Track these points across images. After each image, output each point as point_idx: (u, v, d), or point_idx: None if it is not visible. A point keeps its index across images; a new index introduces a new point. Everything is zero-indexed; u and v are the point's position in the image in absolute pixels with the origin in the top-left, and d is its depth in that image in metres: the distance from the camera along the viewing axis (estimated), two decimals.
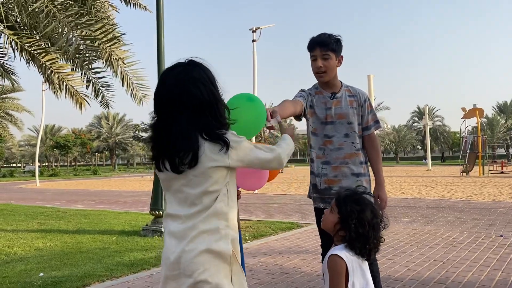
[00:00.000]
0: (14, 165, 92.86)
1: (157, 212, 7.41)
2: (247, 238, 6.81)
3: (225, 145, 1.77)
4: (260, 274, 4.69)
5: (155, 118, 1.87)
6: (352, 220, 1.93)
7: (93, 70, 8.12)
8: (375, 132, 3.04)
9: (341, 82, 3.02)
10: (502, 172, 26.84)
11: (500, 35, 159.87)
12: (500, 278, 4.30)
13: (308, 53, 2.93)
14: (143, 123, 62.61)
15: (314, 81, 3.05)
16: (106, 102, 8.67)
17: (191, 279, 1.75)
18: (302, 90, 3.02)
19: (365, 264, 1.98)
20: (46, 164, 77.35)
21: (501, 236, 6.44)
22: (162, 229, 7.23)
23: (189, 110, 1.79)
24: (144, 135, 63.26)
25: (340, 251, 1.93)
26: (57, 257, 5.86)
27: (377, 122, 3.06)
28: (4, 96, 38.35)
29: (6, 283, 4.63)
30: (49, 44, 8.76)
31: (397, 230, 6.99)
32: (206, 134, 1.77)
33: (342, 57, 2.94)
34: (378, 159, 3.00)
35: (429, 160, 35.66)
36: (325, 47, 2.84)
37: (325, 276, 2.04)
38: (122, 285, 4.51)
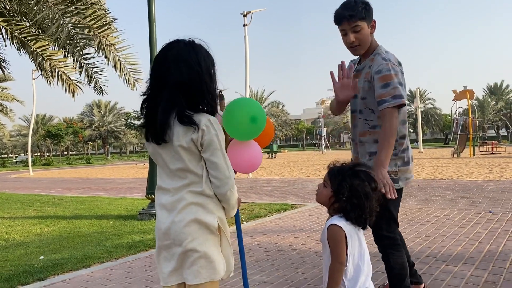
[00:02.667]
0: (6, 155, 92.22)
1: (153, 196, 7.48)
2: (243, 219, 6.92)
3: (196, 127, 1.79)
4: (256, 252, 4.81)
5: (148, 87, 1.93)
6: (346, 193, 2.01)
7: (85, 56, 8.10)
8: (391, 108, 2.54)
9: (377, 46, 2.75)
10: (492, 153, 27.18)
11: (491, 17, 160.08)
12: (488, 251, 4.45)
13: (336, 26, 2.68)
14: (134, 111, 62.35)
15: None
16: (100, 87, 8.68)
17: (181, 248, 1.85)
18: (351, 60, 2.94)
19: (361, 232, 2.07)
20: (38, 154, 76.92)
21: (490, 212, 6.61)
22: None
23: (168, 88, 1.84)
24: (137, 122, 63.01)
25: (337, 220, 2.02)
26: (56, 241, 5.95)
27: (395, 97, 2.53)
28: None
29: (7, 266, 4.72)
30: (40, 31, 8.72)
31: None
32: (178, 116, 1.80)
33: (374, 21, 2.69)
34: (382, 140, 2.54)
35: (420, 143, 35.93)
36: (353, 19, 2.57)
37: (323, 247, 2.12)
38: (122, 265, 4.61)
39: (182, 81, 1.83)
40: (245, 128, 2.28)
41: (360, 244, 2.07)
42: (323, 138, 45.77)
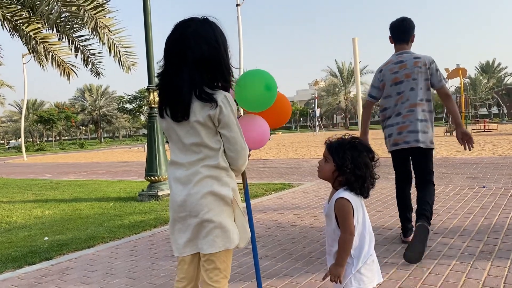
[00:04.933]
0: None
1: (152, 178, 7.55)
2: (242, 199, 6.99)
3: (215, 104, 1.85)
4: (258, 229, 4.92)
5: (163, 66, 1.96)
6: (348, 166, 2.08)
7: (80, 38, 8.03)
8: None
9: None
10: (484, 131, 27.44)
11: None
12: (483, 223, 4.58)
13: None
14: (126, 94, 61.93)
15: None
16: (97, 69, 8.63)
17: (197, 219, 1.92)
18: None
19: (362, 201, 2.15)
20: (31, 139, 76.42)
21: (484, 187, 6.76)
22: (159, 194, 7.40)
23: (188, 65, 1.88)
24: (129, 106, 62.69)
25: (344, 193, 2.08)
26: (58, 223, 6.02)
27: None
28: None
29: (13, 247, 4.79)
30: (32, 13, 8.62)
31: (385, 186, 7.27)
32: (198, 94, 1.85)
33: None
34: None
35: None
36: None
37: (327, 219, 2.20)
38: (126, 244, 4.70)
39: (202, 57, 1.87)
40: (261, 97, 2.31)
41: (364, 214, 2.15)
42: (316, 119, 45.86)
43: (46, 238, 5.09)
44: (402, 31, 3.95)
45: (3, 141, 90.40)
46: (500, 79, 72.65)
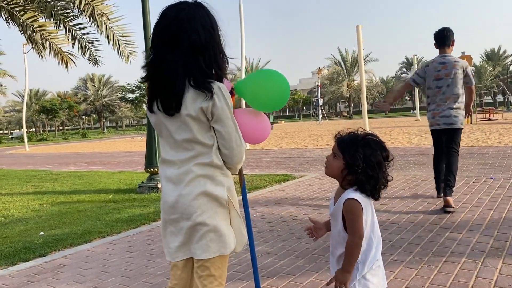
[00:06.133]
0: (1, 131, 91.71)
1: (152, 169, 7.42)
2: (238, 190, 6.87)
3: (210, 94, 1.69)
4: (258, 223, 4.77)
5: (151, 55, 1.79)
6: (360, 165, 1.90)
7: (77, 27, 7.83)
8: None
9: None
10: (489, 119, 27.15)
11: None
12: (492, 217, 4.42)
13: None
14: (129, 84, 61.74)
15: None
16: (95, 58, 8.43)
17: (190, 222, 1.77)
18: None
19: (372, 202, 1.99)
20: (34, 129, 76.54)
21: (491, 178, 6.58)
22: (158, 186, 7.27)
23: (183, 50, 1.71)
24: (132, 96, 62.54)
25: (354, 194, 1.92)
26: (55, 216, 5.89)
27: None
28: None
29: (7, 243, 4.67)
30: (29, 1, 8.43)
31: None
32: (193, 81, 1.69)
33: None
34: None
35: (417, 111, 35.83)
36: None
37: (332, 220, 2.04)
38: (123, 239, 4.57)
39: (199, 41, 1.72)
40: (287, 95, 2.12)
41: (373, 215, 1.99)
42: (319, 108, 45.58)
43: (41, 233, 4.96)
44: (442, 38, 5.09)
45: (6, 131, 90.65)
46: (505, 66, 71.98)
